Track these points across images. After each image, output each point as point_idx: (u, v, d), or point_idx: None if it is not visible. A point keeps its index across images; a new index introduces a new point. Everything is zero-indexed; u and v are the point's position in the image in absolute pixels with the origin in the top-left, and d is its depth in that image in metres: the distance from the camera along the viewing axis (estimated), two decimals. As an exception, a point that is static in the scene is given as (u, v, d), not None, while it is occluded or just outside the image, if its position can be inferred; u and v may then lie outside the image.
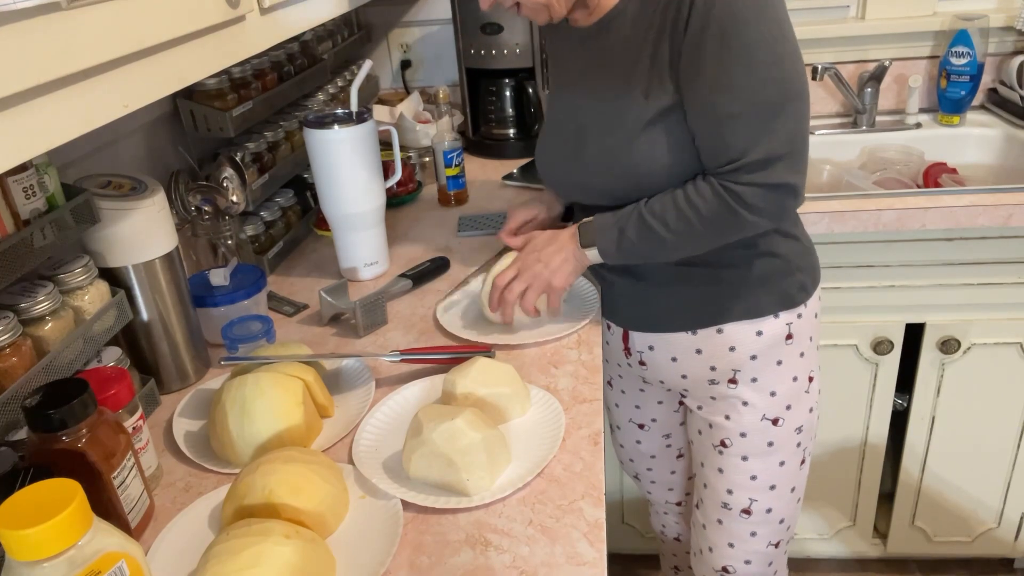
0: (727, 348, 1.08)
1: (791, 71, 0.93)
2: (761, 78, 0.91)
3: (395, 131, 1.38)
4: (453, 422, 0.81)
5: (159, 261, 0.98)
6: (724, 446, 1.14)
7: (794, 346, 1.09)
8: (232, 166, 1.25)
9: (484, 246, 1.41)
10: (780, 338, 1.08)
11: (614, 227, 1.02)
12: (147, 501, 0.81)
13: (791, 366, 1.10)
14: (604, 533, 0.76)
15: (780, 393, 1.10)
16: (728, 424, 1.13)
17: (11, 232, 0.79)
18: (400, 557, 0.75)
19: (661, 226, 0.98)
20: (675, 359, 1.12)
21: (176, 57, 0.72)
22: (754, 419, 1.11)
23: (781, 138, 0.93)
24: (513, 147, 1.87)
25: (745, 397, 1.11)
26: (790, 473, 1.15)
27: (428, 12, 1.98)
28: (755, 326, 1.07)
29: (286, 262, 1.42)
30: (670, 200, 0.98)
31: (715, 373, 1.11)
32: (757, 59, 0.90)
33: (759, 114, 0.92)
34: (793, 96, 0.93)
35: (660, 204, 0.99)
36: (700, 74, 0.92)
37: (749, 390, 1.10)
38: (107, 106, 0.62)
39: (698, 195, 0.97)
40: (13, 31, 0.50)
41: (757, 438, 1.12)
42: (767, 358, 1.09)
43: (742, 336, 1.07)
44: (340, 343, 1.14)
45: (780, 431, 1.12)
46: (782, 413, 1.11)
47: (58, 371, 0.82)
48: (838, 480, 1.71)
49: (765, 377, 1.09)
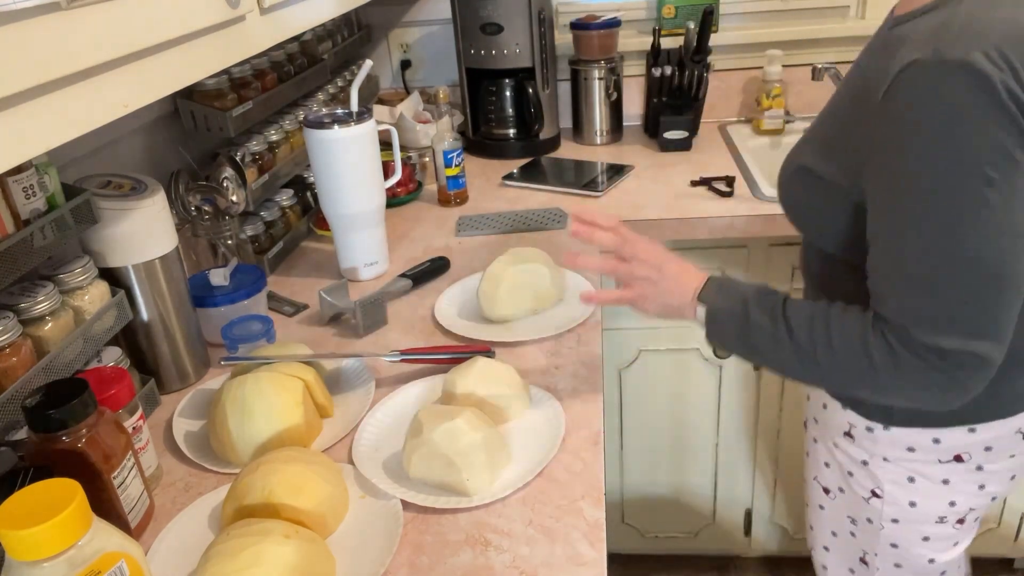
0: (806, 391, 1.05)
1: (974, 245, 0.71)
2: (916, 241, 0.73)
3: (395, 131, 1.38)
4: (453, 422, 0.81)
5: (159, 261, 0.98)
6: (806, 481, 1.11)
7: (855, 448, 0.96)
8: (232, 166, 1.25)
9: (484, 246, 1.41)
10: (839, 427, 0.97)
11: (737, 298, 0.86)
12: (147, 501, 0.81)
13: (847, 459, 0.98)
14: (604, 533, 0.76)
15: (832, 468, 1.01)
16: (805, 460, 1.09)
17: (11, 232, 0.79)
18: (400, 557, 0.75)
19: (786, 331, 0.82)
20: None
21: (176, 57, 0.72)
22: (810, 473, 1.06)
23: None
24: (513, 147, 1.87)
25: (807, 447, 1.07)
26: (845, 551, 1.05)
27: (428, 12, 1.98)
28: (823, 397, 0.99)
29: (286, 262, 1.42)
30: (809, 312, 0.82)
31: (806, 402, 1.07)
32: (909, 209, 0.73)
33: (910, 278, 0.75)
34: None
35: (798, 309, 0.83)
36: (873, 187, 0.77)
37: (811, 442, 1.05)
38: (107, 106, 0.62)
39: (843, 319, 0.80)
40: (13, 31, 0.50)
41: (813, 490, 1.07)
42: (824, 434, 1.01)
43: (812, 389, 1.02)
44: (340, 343, 1.14)
45: (831, 502, 1.04)
46: (833, 489, 1.02)
47: (58, 371, 0.82)
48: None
49: (823, 444, 1.02)
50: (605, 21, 1.77)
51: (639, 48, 1.89)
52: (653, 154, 1.80)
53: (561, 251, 1.35)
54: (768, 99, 1.83)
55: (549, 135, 1.86)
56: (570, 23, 1.80)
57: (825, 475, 1.03)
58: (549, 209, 1.53)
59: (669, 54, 1.84)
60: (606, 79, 1.82)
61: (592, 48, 1.80)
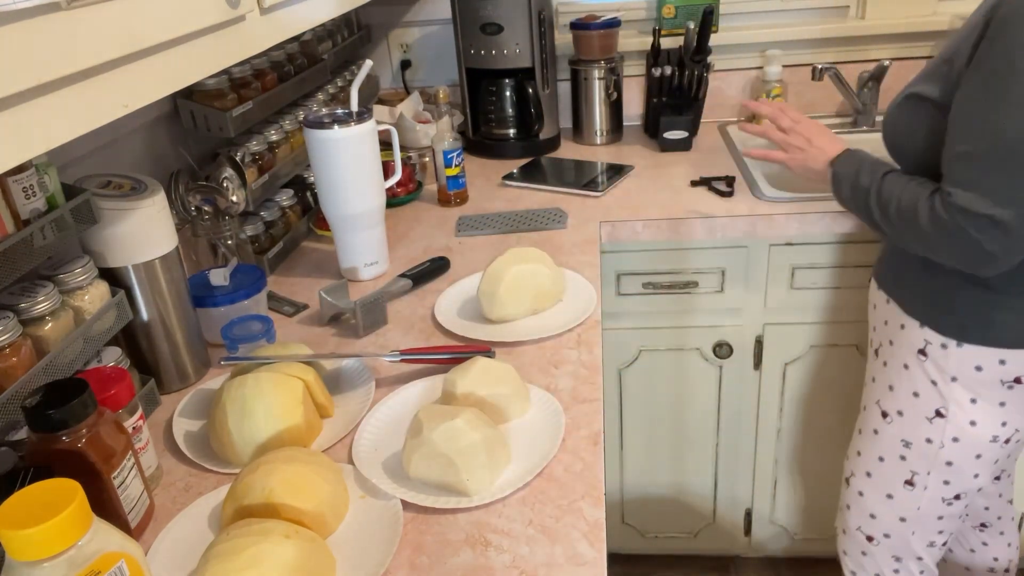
0: (883, 319, 1.17)
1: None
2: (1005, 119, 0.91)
3: (395, 131, 1.38)
4: (453, 422, 0.81)
5: (159, 261, 0.98)
6: (862, 410, 1.25)
7: (928, 365, 1.10)
8: (232, 166, 1.25)
9: (484, 246, 1.41)
10: (914, 346, 1.11)
11: (856, 166, 1.10)
12: (147, 501, 0.81)
13: (916, 379, 1.12)
14: (604, 533, 0.76)
15: (897, 391, 1.14)
16: (865, 390, 1.22)
17: (11, 232, 0.79)
18: (400, 557, 0.75)
19: (876, 194, 1.04)
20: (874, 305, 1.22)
21: (176, 57, 0.72)
22: (872, 398, 1.18)
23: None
24: (513, 147, 1.87)
25: (873, 373, 1.18)
26: (888, 476, 1.18)
27: (428, 12, 1.98)
28: (901, 318, 1.12)
29: (286, 262, 1.42)
30: (901, 181, 1.03)
31: (873, 333, 1.20)
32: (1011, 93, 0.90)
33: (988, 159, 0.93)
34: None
35: (898, 178, 1.04)
36: (963, 84, 0.94)
37: (880, 366, 1.18)
38: (107, 106, 0.62)
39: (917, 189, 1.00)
40: (13, 31, 0.50)
41: (869, 415, 1.19)
42: (897, 354, 1.13)
43: (889, 313, 1.15)
44: (340, 343, 1.14)
45: (887, 426, 1.16)
46: (892, 413, 1.15)
47: (58, 371, 0.82)
48: (838, 480, 1.71)
49: (892, 368, 1.14)
50: (605, 21, 1.77)
51: (639, 48, 1.89)
52: (653, 154, 1.80)
53: (561, 251, 1.35)
54: (768, 99, 1.83)
55: (549, 135, 1.86)
56: (570, 23, 1.81)
57: (887, 399, 1.16)
58: (549, 209, 1.53)
59: (669, 54, 1.84)
60: (606, 79, 1.82)
61: (592, 48, 1.80)
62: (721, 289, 1.53)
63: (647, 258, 1.51)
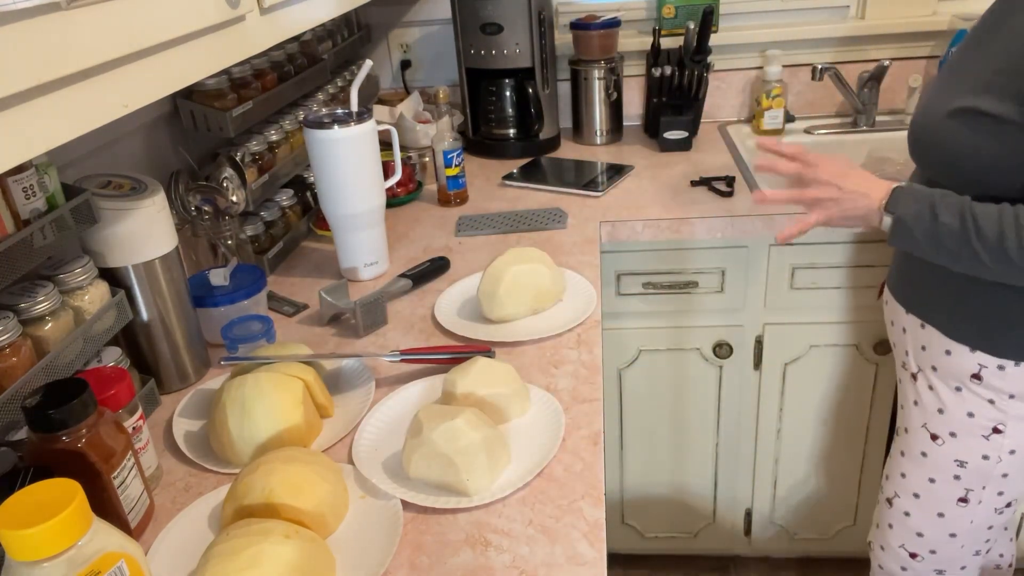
0: (920, 345, 1.09)
1: None
2: None
3: (395, 131, 1.38)
4: (453, 422, 0.81)
5: (159, 261, 0.98)
6: (903, 432, 1.17)
7: (982, 388, 1.04)
8: (232, 166, 1.25)
9: (484, 246, 1.41)
10: (966, 370, 1.04)
11: (922, 205, 0.95)
12: (147, 501, 0.81)
13: (970, 401, 1.06)
14: (604, 533, 0.76)
15: (949, 414, 1.07)
16: (904, 412, 1.15)
17: (11, 232, 0.79)
18: (400, 557, 0.75)
19: (975, 231, 0.90)
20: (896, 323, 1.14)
21: (176, 57, 0.72)
22: (916, 422, 1.11)
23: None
24: (513, 147, 1.87)
25: (914, 396, 1.11)
26: (940, 496, 1.13)
27: (428, 12, 1.98)
28: (945, 343, 1.05)
29: (286, 262, 1.42)
30: (997, 211, 0.90)
31: (906, 358, 1.13)
32: None
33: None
34: None
35: (985, 209, 0.91)
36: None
37: (924, 390, 1.10)
38: (107, 106, 0.62)
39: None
40: (13, 31, 0.50)
41: (916, 438, 1.12)
42: (946, 379, 1.06)
43: (927, 338, 1.07)
44: (340, 343, 1.14)
45: (938, 448, 1.09)
46: (944, 436, 1.09)
47: (58, 371, 0.82)
48: (838, 480, 1.71)
49: (940, 391, 1.07)
50: (605, 21, 1.77)
51: (639, 48, 1.89)
52: (653, 154, 1.80)
53: (561, 251, 1.35)
54: (768, 99, 1.83)
55: (549, 135, 1.86)
56: (570, 23, 1.81)
57: (936, 421, 1.09)
58: (549, 209, 1.53)
59: (669, 54, 1.84)
60: (606, 79, 1.82)
61: (592, 48, 1.80)
62: (721, 289, 1.53)
63: (647, 258, 1.51)
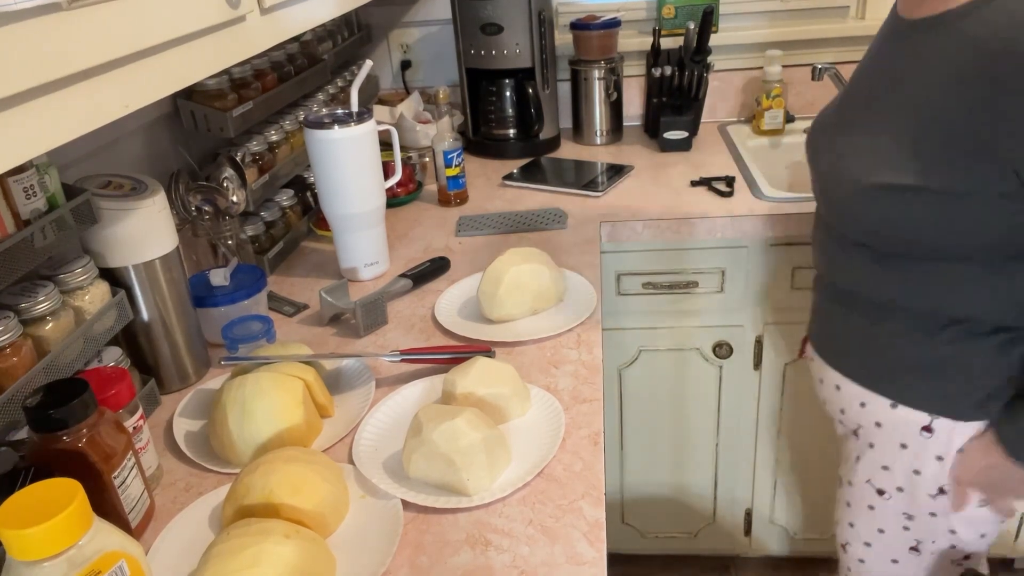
0: (858, 402, 1.03)
1: None
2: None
3: (395, 131, 1.38)
4: (453, 422, 0.81)
5: (159, 261, 0.98)
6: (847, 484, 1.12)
7: (931, 442, 0.97)
8: (232, 166, 1.25)
9: (484, 246, 1.41)
10: (915, 423, 0.98)
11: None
12: (147, 501, 0.81)
13: (918, 457, 0.99)
14: (604, 533, 0.76)
15: (894, 470, 1.02)
16: (847, 465, 1.11)
17: (11, 232, 0.79)
18: (400, 557, 0.75)
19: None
20: (838, 387, 1.07)
21: (176, 57, 0.72)
22: (860, 477, 1.07)
23: None
24: (513, 147, 1.87)
25: (856, 452, 1.07)
26: (891, 545, 1.08)
27: (428, 12, 1.98)
28: (887, 402, 1.00)
29: (286, 262, 1.42)
30: None
31: (843, 415, 1.08)
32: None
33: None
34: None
35: None
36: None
37: (862, 448, 1.06)
38: (107, 106, 0.62)
39: None
40: (13, 31, 0.50)
41: (861, 492, 1.08)
42: (891, 435, 1.01)
43: (868, 397, 1.02)
44: (340, 343, 1.14)
45: (885, 502, 1.05)
46: (891, 490, 1.04)
47: (58, 371, 0.82)
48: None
49: (884, 448, 1.02)
50: (605, 21, 1.78)
51: (639, 48, 1.90)
52: (653, 154, 1.80)
53: (561, 251, 1.35)
54: (768, 99, 1.83)
55: (549, 135, 1.87)
56: (570, 23, 1.81)
57: (882, 477, 1.04)
58: (549, 209, 1.53)
59: (669, 54, 1.84)
60: (606, 79, 1.82)
61: (592, 48, 1.80)
62: (721, 289, 1.53)
63: (647, 258, 1.51)
